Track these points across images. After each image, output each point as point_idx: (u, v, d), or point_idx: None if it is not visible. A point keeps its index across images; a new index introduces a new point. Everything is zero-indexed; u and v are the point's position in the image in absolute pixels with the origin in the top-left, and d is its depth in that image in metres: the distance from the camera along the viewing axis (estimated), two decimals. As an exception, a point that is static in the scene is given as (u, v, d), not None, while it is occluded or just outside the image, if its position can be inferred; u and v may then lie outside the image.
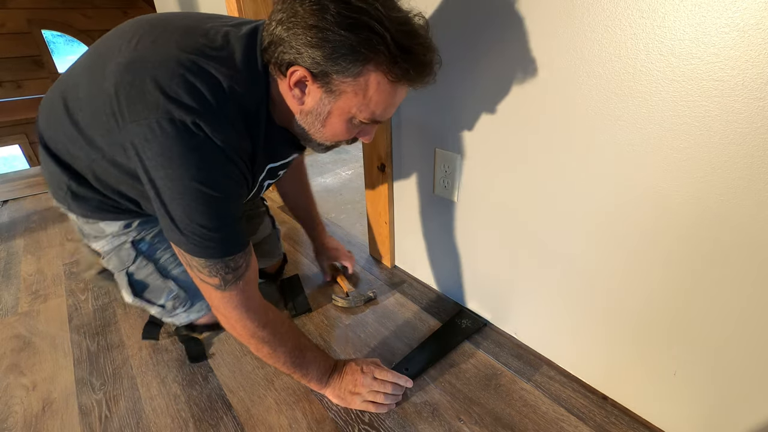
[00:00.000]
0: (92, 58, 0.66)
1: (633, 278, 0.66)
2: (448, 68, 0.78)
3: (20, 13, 3.69)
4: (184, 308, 0.88)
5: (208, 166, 0.57)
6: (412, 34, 0.54)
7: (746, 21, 0.45)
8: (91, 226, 0.83)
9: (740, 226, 0.52)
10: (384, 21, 0.51)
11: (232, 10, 1.36)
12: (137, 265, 0.85)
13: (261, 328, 0.68)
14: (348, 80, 0.55)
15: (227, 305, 0.66)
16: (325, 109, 0.59)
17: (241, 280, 0.65)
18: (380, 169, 1.06)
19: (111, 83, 0.58)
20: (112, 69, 0.58)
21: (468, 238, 0.93)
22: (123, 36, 0.62)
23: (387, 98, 0.58)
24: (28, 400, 0.82)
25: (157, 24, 0.63)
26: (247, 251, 0.66)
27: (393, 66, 0.54)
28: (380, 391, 0.76)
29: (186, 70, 0.55)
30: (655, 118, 0.55)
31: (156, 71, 0.55)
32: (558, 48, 0.61)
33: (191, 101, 0.54)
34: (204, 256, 0.61)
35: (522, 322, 0.90)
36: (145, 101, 0.54)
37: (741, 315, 0.56)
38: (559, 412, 0.76)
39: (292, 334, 0.74)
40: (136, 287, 0.86)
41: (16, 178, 2.08)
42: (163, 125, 0.54)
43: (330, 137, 0.64)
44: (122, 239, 0.84)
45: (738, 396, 0.60)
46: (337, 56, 0.52)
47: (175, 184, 0.57)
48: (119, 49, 0.60)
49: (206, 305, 0.89)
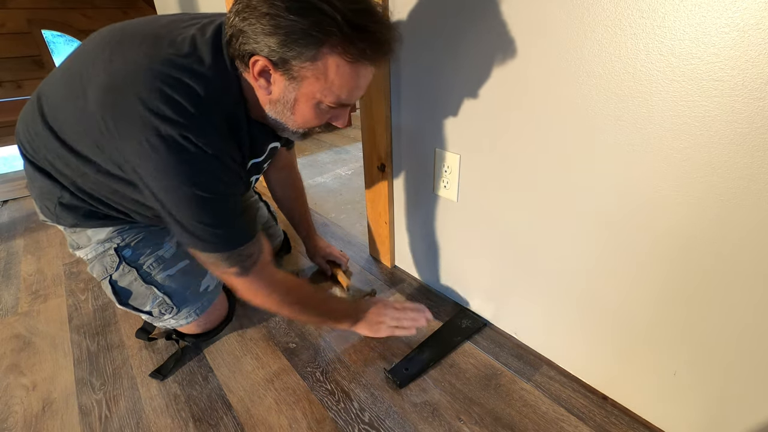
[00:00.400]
0: (68, 76, 0.66)
1: (633, 278, 0.66)
2: (449, 68, 0.78)
3: (20, 13, 3.69)
4: (171, 314, 0.87)
5: (201, 172, 0.60)
6: (365, 13, 0.54)
7: (746, 21, 0.45)
8: (77, 235, 0.84)
9: (740, 226, 0.52)
10: (334, 2, 0.51)
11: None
12: (120, 273, 0.84)
13: (286, 295, 0.77)
14: (306, 65, 0.55)
15: (251, 288, 0.73)
16: (291, 96, 0.60)
17: (257, 264, 0.71)
18: (380, 169, 1.06)
19: (96, 106, 0.60)
20: (94, 92, 0.60)
21: (468, 238, 0.93)
22: (95, 51, 0.63)
23: (349, 80, 0.58)
24: (28, 400, 0.82)
25: (125, 37, 0.63)
26: (257, 239, 0.71)
27: (349, 46, 0.54)
28: (401, 317, 0.87)
29: (162, 83, 0.56)
30: (656, 118, 0.55)
31: (135, 89, 0.56)
32: (558, 48, 0.61)
33: (174, 115, 0.56)
34: (218, 251, 0.67)
35: (522, 322, 0.90)
36: (131, 120, 0.57)
37: (741, 315, 0.56)
38: (559, 412, 0.76)
39: (312, 293, 0.86)
40: (121, 295, 0.85)
41: (16, 178, 2.09)
42: (153, 142, 0.56)
43: (302, 124, 0.65)
44: (106, 246, 0.84)
45: (738, 396, 0.60)
46: (290, 41, 0.53)
47: (176, 193, 0.60)
48: (94, 66, 0.61)
49: (194, 311, 0.88)
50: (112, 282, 0.84)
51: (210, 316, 0.92)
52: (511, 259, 0.85)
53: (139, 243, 0.86)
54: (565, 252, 0.74)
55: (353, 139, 2.47)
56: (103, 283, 0.85)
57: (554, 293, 0.79)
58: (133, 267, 0.84)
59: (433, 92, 0.84)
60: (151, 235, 0.87)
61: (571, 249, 0.73)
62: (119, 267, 0.84)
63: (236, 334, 0.97)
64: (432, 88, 0.84)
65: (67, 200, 0.77)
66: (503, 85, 0.71)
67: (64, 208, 0.78)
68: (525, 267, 0.83)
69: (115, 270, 0.84)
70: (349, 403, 0.79)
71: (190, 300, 0.87)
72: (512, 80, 0.69)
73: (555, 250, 0.75)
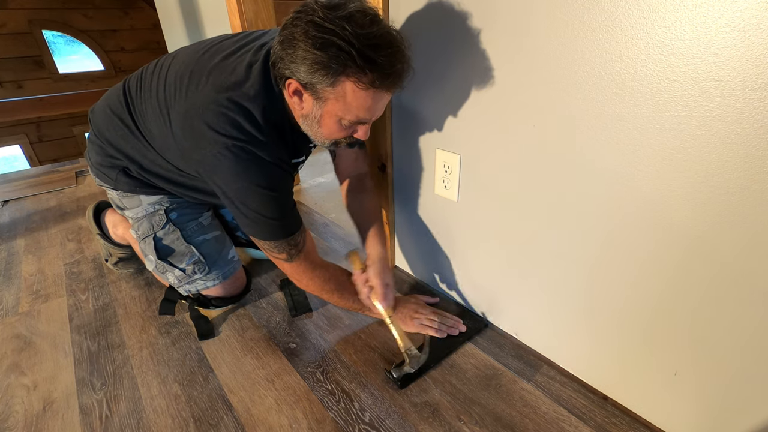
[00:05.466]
0: (156, 101, 0.84)
1: (633, 278, 0.66)
2: (449, 69, 0.78)
3: (21, 13, 3.69)
4: (202, 273, 1.00)
5: (263, 174, 0.75)
6: (377, 48, 0.63)
7: (747, 21, 0.45)
8: (129, 199, 1.01)
9: (740, 226, 0.52)
10: (350, 38, 0.61)
11: (232, 10, 1.36)
12: (165, 231, 1.00)
13: (327, 281, 0.88)
14: (328, 89, 0.66)
15: (296, 271, 0.86)
16: (318, 113, 0.72)
17: (303, 251, 0.84)
18: (380, 169, 1.06)
19: (177, 128, 0.79)
20: (175, 117, 0.80)
21: (468, 239, 0.93)
22: (176, 84, 0.80)
23: (364, 102, 0.68)
24: (28, 400, 0.82)
25: (197, 69, 0.79)
26: (303, 230, 0.84)
27: (362, 76, 0.64)
28: (435, 319, 0.93)
29: (225, 108, 0.71)
30: (656, 118, 0.55)
31: (204, 117, 0.72)
32: (558, 48, 0.61)
33: (237, 133, 0.71)
34: (273, 239, 0.80)
35: (523, 322, 0.90)
36: (204, 139, 0.73)
37: (741, 315, 0.56)
38: (559, 412, 0.76)
39: (351, 281, 0.91)
40: (161, 251, 0.99)
41: (16, 178, 2.09)
42: (223, 153, 0.72)
43: (327, 136, 0.76)
44: (156, 207, 1.00)
45: (739, 396, 0.60)
46: (314, 71, 0.64)
47: (245, 192, 0.75)
48: (175, 97, 0.80)
49: (221, 274, 1.02)
50: (156, 239, 0.99)
51: (234, 282, 1.06)
52: (511, 260, 0.85)
53: (184, 209, 1.03)
54: (565, 252, 0.74)
55: (353, 139, 2.47)
56: (146, 241, 0.99)
57: (555, 293, 0.79)
58: (178, 228, 1.01)
59: (433, 92, 0.84)
60: (192, 206, 1.05)
61: (571, 249, 0.73)
62: (165, 226, 1.00)
63: (237, 334, 0.97)
64: (432, 88, 0.84)
65: (132, 172, 0.96)
66: (504, 85, 0.71)
67: (127, 176, 0.97)
68: (526, 267, 0.83)
69: (161, 228, 1.00)
70: (350, 403, 0.79)
71: (219, 264, 1.03)
72: (513, 80, 0.69)
73: (556, 251, 0.75)
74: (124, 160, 0.95)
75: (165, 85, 0.83)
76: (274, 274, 1.20)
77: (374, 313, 0.90)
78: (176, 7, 1.94)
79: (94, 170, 1.02)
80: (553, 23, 0.60)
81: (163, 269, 0.99)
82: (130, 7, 4.25)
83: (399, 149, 1.00)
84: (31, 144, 4.06)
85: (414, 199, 1.03)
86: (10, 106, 3.29)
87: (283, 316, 1.03)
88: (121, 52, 4.35)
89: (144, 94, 0.88)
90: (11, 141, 3.96)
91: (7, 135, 3.90)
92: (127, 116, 0.90)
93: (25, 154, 4.06)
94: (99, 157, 0.98)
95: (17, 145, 4.01)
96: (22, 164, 4.11)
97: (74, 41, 4.10)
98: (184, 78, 0.79)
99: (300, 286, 0.90)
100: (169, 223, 1.00)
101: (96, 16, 4.08)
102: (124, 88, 0.93)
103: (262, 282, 1.17)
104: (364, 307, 0.91)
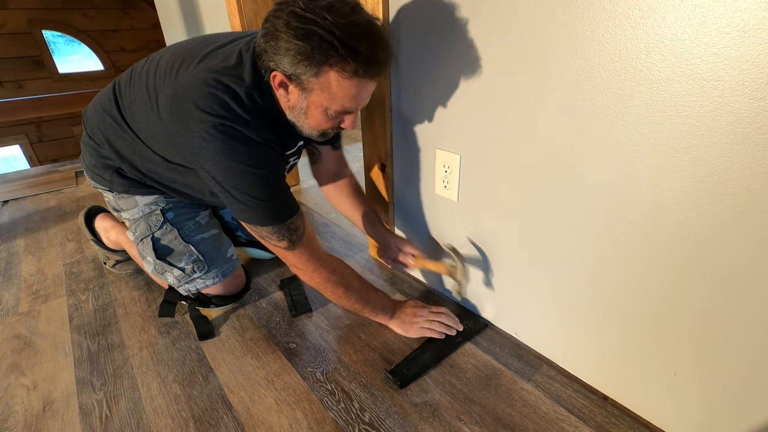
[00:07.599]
0: (145, 91, 0.83)
1: (633, 278, 0.66)
2: (450, 69, 0.78)
3: (21, 13, 3.69)
4: (201, 272, 0.99)
5: (251, 152, 0.72)
6: (359, 37, 0.62)
7: (747, 21, 0.45)
8: (125, 201, 1.00)
9: (740, 226, 0.52)
10: (331, 27, 0.60)
11: (232, 10, 1.36)
12: (162, 231, 0.99)
13: (332, 273, 0.84)
14: (312, 80, 0.66)
15: (300, 260, 0.82)
16: (304, 104, 0.72)
17: (303, 237, 0.81)
18: (380, 169, 1.06)
19: (165, 111, 0.77)
20: (162, 101, 0.78)
21: (468, 239, 0.93)
22: (165, 70, 0.80)
23: (349, 91, 0.68)
24: (28, 400, 0.82)
25: (188, 56, 0.79)
26: (300, 214, 0.81)
27: (345, 65, 0.64)
28: (435, 320, 0.92)
29: (213, 88, 0.70)
30: (656, 118, 0.55)
31: (191, 96, 0.71)
32: (558, 49, 0.61)
33: (223, 111, 0.69)
34: (270, 223, 0.76)
35: (523, 322, 0.90)
36: (191, 119, 0.71)
37: (741, 314, 0.56)
38: (559, 412, 0.76)
39: (356, 276, 0.90)
40: (159, 251, 0.98)
41: (16, 178, 2.08)
42: (210, 132, 0.69)
43: (315, 126, 0.76)
44: (152, 208, 1.00)
45: (738, 396, 0.60)
46: (297, 62, 0.64)
47: (232, 172, 0.72)
48: (164, 83, 0.79)
49: (220, 272, 1.02)
50: (154, 239, 0.98)
51: (234, 281, 1.05)
52: (511, 260, 0.85)
53: (181, 209, 1.02)
54: (566, 252, 0.74)
55: (353, 139, 2.47)
56: (144, 242, 0.99)
57: (556, 293, 0.79)
58: (175, 227, 1.00)
59: (433, 93, 0.84)
60: (188, 205, 1.04)
61: (572, 249, 0.73)
62: (162, 226, 0.99)
63: (237, 334, 0.97)
64: (432, 88, 0.84)
65: (125, 172, 0.95)
66: (504, 85, 0.71)
67: (121, 177, 0.96)
68: (526, 267, 0.83)
69: (158, 228, 0.99)
70: (350, 403, 0.79)
71: (218, 262, 1.02)
72: (513, 80, 0.69)
73: (556, 251, 0.75)
74: (117, 160, 0.94)
75: (155, 73, 0.82)
76: (274, 274, 1.20)
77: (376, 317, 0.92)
78: (176, 7, 1.94)
79: (89, 173, 1.01)
80: (554, 23, 0.60)
81: (162, 269, 0.99)
82: (130, 7, 4.25)
83: (399, 149, 1.00)
84: (30, 144, 4.06)
85: (414, 199, 1.03)
86: (10, 106, 3.29)
87: (283, 316, 1.03)
88: (121, 52, 4.34)
89: (134, 86, 0.86)
90: (11, 141, 3.96)
91: (7, 135, 3.90)
92: (115, 111, 0.89)
93: (24, 154, 4.06)
94: (93, 158, 0.97)
95: (17, 145, 4.01)
96: (22, 164, 4.11)
97: (74, 41, 4.09)
98: (175, 64, 0.78)
99: (304, 279, 0.86)
100: (167, 222, 0.99)
101: (96, 16, 4.08)
102: (114, 85, 0.92)
103: (262, 282, 1.17)
104: (368, 306, 0.90)
